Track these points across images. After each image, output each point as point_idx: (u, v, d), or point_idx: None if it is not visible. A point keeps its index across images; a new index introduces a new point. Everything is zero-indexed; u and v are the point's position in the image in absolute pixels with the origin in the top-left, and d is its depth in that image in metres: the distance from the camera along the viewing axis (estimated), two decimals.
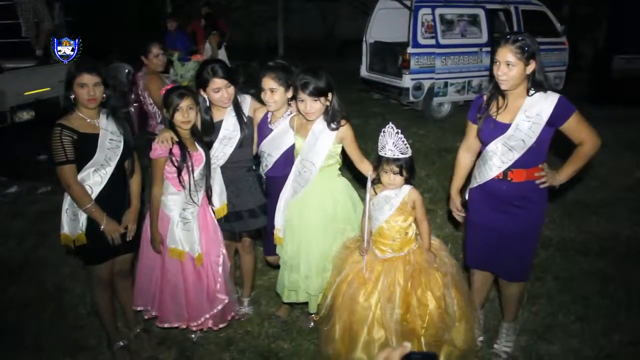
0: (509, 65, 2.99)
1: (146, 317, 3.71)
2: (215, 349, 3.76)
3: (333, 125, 3.41)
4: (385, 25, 10.50)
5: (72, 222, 3.33)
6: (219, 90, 3.54)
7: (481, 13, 9.80)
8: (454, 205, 3.64)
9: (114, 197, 3.38)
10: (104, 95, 3.30)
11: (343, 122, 3.44)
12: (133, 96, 8.87)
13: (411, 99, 9.48)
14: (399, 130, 3.13)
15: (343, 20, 19.68)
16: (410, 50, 9.22)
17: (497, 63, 3.04)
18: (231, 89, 3.58)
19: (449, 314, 3.21)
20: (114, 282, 3.66)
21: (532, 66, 3.01)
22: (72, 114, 3.26)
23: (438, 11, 9.40)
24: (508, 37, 3.03)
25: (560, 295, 4.30)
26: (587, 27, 13.34)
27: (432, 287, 3.21)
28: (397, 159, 3.15)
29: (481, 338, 3.70)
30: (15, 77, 8.16)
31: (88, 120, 3.28)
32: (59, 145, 3.14)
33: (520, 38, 2.98)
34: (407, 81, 9.33)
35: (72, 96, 3.23)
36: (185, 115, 3.37)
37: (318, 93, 3.33)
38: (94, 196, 3.28)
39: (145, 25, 13.77)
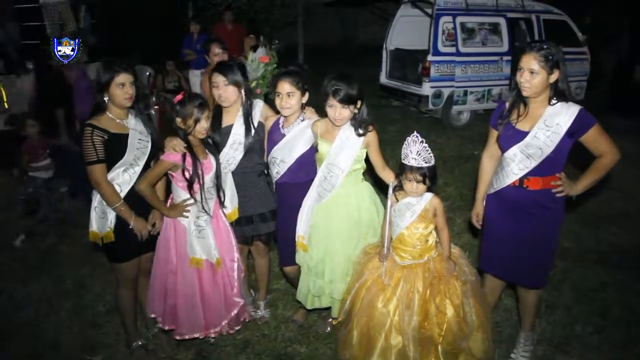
0: (532, 73, 3.01)
1: (166, 327, 3.69)
2: (232, 351, 3.78)
3: (361, 131, 3.42)
4: (406, 32, 10.49)
5: (101, 220, 3.38)
6: (216, 86, 3.59)
7: (502, 22, 9.75)
8: (475, 213, 3.65)
9: (142, 196, 3.41)
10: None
11: (370, 128, 3.46)
12: (154, 98, 8.99)
13: (430, 106, 9.46)
14: (424, 140, 3.15)
15: (362, 26, 19.71)
16: (430, 58, 9.20)
17: (521, 70, 3.06)
18: (230, 89, 3.59)
19: (467, 322, 3.22)
20: (137, 280, 3.69)
21: (555, 75, 3.02)
22: (102, 115, 3.31)
23: (459, 19, 9.37)
24: (533, 45, 3.05)
25: (578, 306, 4.26)
26: (610, 37, 13.22)
27: (451, 295, 3.22)
28: (421, 168, 3.16)
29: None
30: None
31: (117, 121, 3.34)
32: (90, 145, 3.20)
33: (545, 46, 2.99)
34: (426, 89, 9.32)
35: (106, 98, 3.29)
36: (204, 124, 3.41)
37: (349, 100, 3.34)
38: (122, 195, 3.33)
39: (167, 29, 13.89)
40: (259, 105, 3.81)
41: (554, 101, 3.09)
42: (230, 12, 9.88)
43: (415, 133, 3.17)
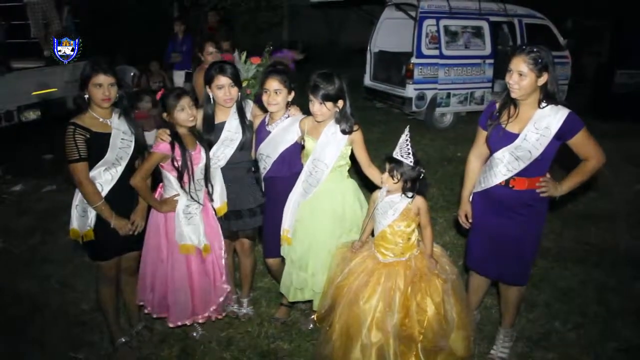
0: (521, 75, 3.05)
1: (154, 316, 3.78)
2: (217, 347, 3.81)
3: (345, 129, 3.49)
4: (390, 35, 10.59)
5: (82, 218, 3.40)
6: (222, 87, 3.63)
7: (485, 25, 9.88)
8: (463, 212, 3.69)
9: (123, 196, 3.45)
10: (117, 95, 3.37)
11: (356, 127, 3.53)
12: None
13: (414, 108, 9.55)
14: (408, 136, 3.24)
15: (348, 28, 19.75)
16: (414, 60, 9.30)
17: (511, 72, 3.11)
18: (234, 90, 3.66)
19: (447, 320, 3.27)
20: (119, 280, 3.72)
21: (544, 78, 3.06)
22: (86, 113, 3.33)
23: (442, 22, 9.48)
24: (523, 47, 3.10)
25: (557, 304, 4.35)
26: (591, 41, 13.39)
27: (431, 293, 3.26)
28: (396, 161, 3.24)
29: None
30: (23, 76, 8.27)
31: (101, 120, 3.35)
32: (72, 143, 3.21)
33: (535, 50, 3.04)
34: (410, 91, 9.41)
35: (86, 96, 3.30)
36: (188, 112, 3.45)
37: (326, 97, 3.42)
38: (104, 194, 3.35)
39: (151, 29, 13.87)
40: (249, 105, 3.91)
41: (543, 104, 3.13)
42: (215, 13, 9.87)
43: (407, 128, 3.27)
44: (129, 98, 3.57)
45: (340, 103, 3.49)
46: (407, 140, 3.23)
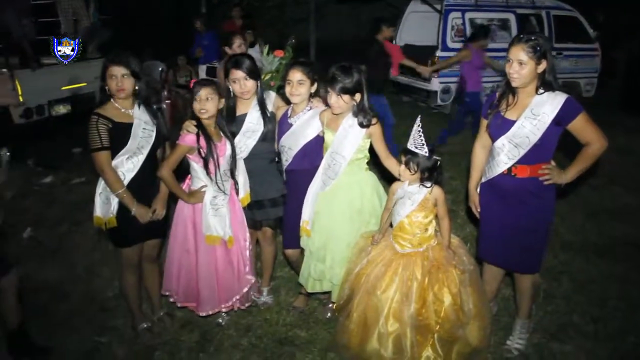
0: (521, 64, 3.09)
1: (179, 305, 3.89)
2: (235, 334, 3.90)
3: (364, 122, 3.52)
4: (415, 28, 10.57)
5: (105, 205, 3.50)
6: (237, 81, 3.70)
7: (512, 18, 9.79)
8: (472, 203, 3.71)
9: (145, 184, 3.55)
10: (136, 87, 3.46)
11: (374, 120, 3.55)
12: (165, 93, 9.12)
13: (439, 102, 9.53)
14: (420, 126, 3.26)
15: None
16: (439, 53, 9.27)
17: (510, 61, 3.14)
18: (250, 83, 3.72)
19: (464, 311, 3.29)
20: (141, 266, 3.83)
21: (542, 65, 3.09)
22: (108, 104, 3.43)
23: (468, 15, 9.43)
24: (522, 36, 3.13)
25: (576, 297, 4.32)
26: (623, 35, 13.14)
27: (449, 283, 3.29)
28: (412, 152, 3.27)
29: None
30: (53, 72, 8.46)
31: (122, 110, 3.45)
32: (95, 133, 3.32)
33: (533, 37, 3.07)
34: (435, 84, 9.39)
35: (107, 87, 3.41)
36: (202, 104, 3.51)
37: (343, 90, 3.45)
38: (126, 182, 3.44)
39: (179, 25, 14.05)
40: (271, 96, 3.97)
41: (541, 91, 3.16)
42: (239, 8, 9.96)
43: (418, 118, 3.29)
44: (152, 91, 3.64)
45: (357, 96, 3.51)
46: (419, 130, 3.26)
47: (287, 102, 3.86)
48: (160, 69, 10.19)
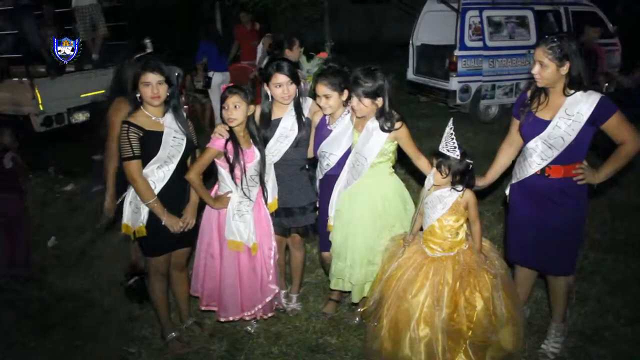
0: (542, 66, 3.10)
1: (204, 307, 3.85)
2: (265, 342, 3.86)
3: (385, 127, 3.48)
4: (432, 28, 10.46)
5: (135, 214, 3.48)
6: (280, 85, 3.66)
7: (529, 14, 9.67)
8: (481, 181, 3.66)
9: (175, 193, 3.52)
10: (167, 94, 3.44)
11: (398, 124, 3.51)
12: (183, 98, 9.10)
13: (458, 101, 9.43)
14: (452, 128, 3.23)
15: (389, 23, 19.66)
16: (457, 52, 9.17)
17: (534, 62, 3.16)
18: (292, 87, 3.70)
19: (496, 316, 3.24)
20: (169, 275, 3.80)
21: (566, 67, 3.07)
22: (138, 112, 3.41)
23: (485, 13, 9.32)
24: (546, 38, 3.14)
25: (609, 298, 4.23)
26: None
27: (480, 288, 3.24)
28: (443, 155, 3.23)
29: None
30: (73, 79, 8.52)
31: (153, 118, 3.43)
32: (126, 142, 3.29)
33: (555, 39, 3.07)
34: (454, 84, 9.29)
35: (138, 95, 3.39)
36: (230, 112, 3.49)
37: (365, 94, 3.43)
38: (156, 191, 3.42)
39: (194, 30, 14.08)
40: (307, 102, 3.94)
41: (570, 91, 3.14)
42: (246, 12, 9.92)
43: (451, 121, 3.26)
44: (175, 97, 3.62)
45: (379, 100, 3.47)
46: (451, 133, 3.21)
47: None
48: (177, 73, 10.16)
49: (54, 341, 4.00)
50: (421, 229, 3.52)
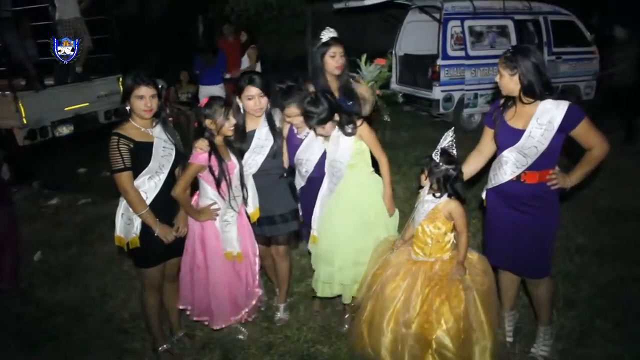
0: (500, 75, 3.27)
1: (195, 318, 3.87)
2: (257, 352, 3.86)
3: (349, 131, 3.63)
4: (414, 37, 10.56)
5: (127, 226, 3.47)
6: (252, 98, 3.72)
7: (510, 24, 9.80)
8: None
9: (166, 203, 3.52)
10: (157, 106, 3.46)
11: (359, 123, 3.65)
12: (168, 110, 9.08)
13: (441, 110, 9.50)
14: (451, 136, 3.37)
15: (372, 34, 19.78)
16: (439, 62, 9.26)
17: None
18: (264, 100, 3.77)
19: (466, 332, 3.22)
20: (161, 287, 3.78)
21: (516, 76, 3.19)
22: (127, 124, 3.42)
23: (467, 23, 9.43)
24: (507, 49, 3.31)
25: (597, 301, 4.29)
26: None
27: (450, 299, 3.24)
28: (430, 157, 3.32)
29: (510, 339, 3.81)
30: (56, 92, 8.47)
31: (142, 130, 3.44)
32: (116, 153, 3.29)
33: (510, 51, 3.24)
34: (437, 93, 9.36)
35: (128, 107, 3.40)
36: (232, 122, 3.57)
37: (321, 122, 3.58)
38: (148, 202, 3.42)
39: (179, 42, 14.08)
40: (277, 113, 3.99)
41: (527, 99, 3.23)
42: (228, 24, 9.91)
43: (451, 129, 3.40)
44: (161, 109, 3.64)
45: (336, 116, 3.61)
46: (445, 138, 3.31)
47: None
48: (160, 86, 10.13)
49: (43, 357, 3.97)
50: None
